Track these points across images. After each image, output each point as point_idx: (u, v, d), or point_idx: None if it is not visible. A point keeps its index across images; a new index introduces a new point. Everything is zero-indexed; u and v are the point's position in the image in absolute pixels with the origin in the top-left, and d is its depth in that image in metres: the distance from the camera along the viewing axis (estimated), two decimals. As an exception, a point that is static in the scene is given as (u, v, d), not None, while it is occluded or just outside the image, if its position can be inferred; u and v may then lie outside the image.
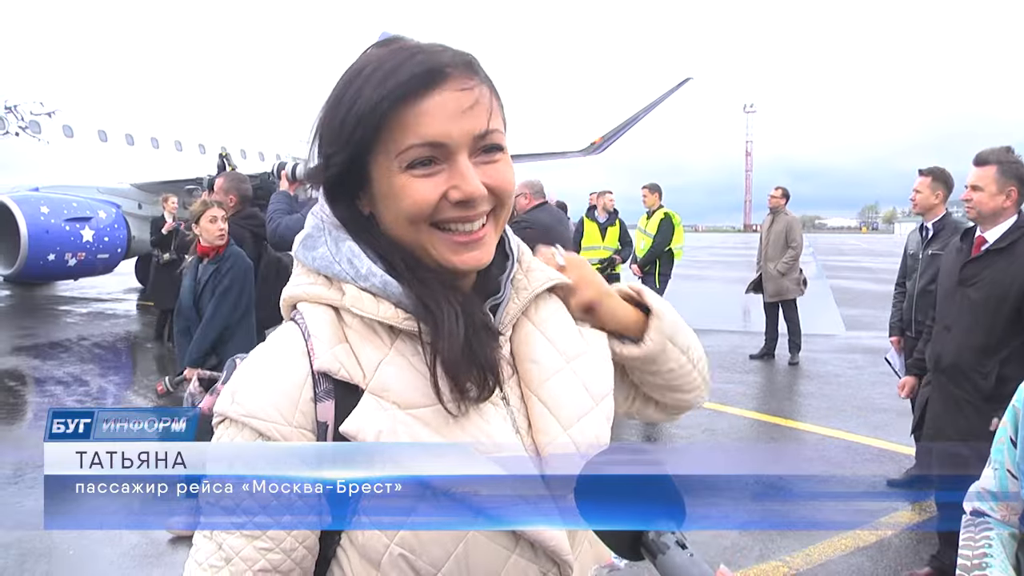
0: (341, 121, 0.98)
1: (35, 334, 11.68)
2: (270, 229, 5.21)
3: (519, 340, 1.07)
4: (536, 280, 1.10)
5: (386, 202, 0.99)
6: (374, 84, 0.95)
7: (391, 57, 0.96)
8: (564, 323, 1.11)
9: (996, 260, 3.67)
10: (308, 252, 1.06)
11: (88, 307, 15.41)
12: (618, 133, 19.80)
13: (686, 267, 14.54)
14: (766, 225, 10.17)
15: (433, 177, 0.95)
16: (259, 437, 0.93)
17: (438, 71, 0.95)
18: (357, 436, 0.93)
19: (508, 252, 1.10)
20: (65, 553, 4.27)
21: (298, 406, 0.96)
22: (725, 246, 58.44)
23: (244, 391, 0.96)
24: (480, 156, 0.98)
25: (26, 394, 8.35)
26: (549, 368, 1.05)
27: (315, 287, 1.03)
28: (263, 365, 0.99)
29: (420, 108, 0.94)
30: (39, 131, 16.24)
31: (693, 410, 1.40)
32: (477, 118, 0.96)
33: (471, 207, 0.96)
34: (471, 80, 0.97)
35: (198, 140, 20.90)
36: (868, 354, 10.09)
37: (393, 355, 0.98)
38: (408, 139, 0.94)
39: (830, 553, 4.30)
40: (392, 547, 0.93)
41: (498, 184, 0.98)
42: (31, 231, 13.88)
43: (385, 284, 0.99)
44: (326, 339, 0.98)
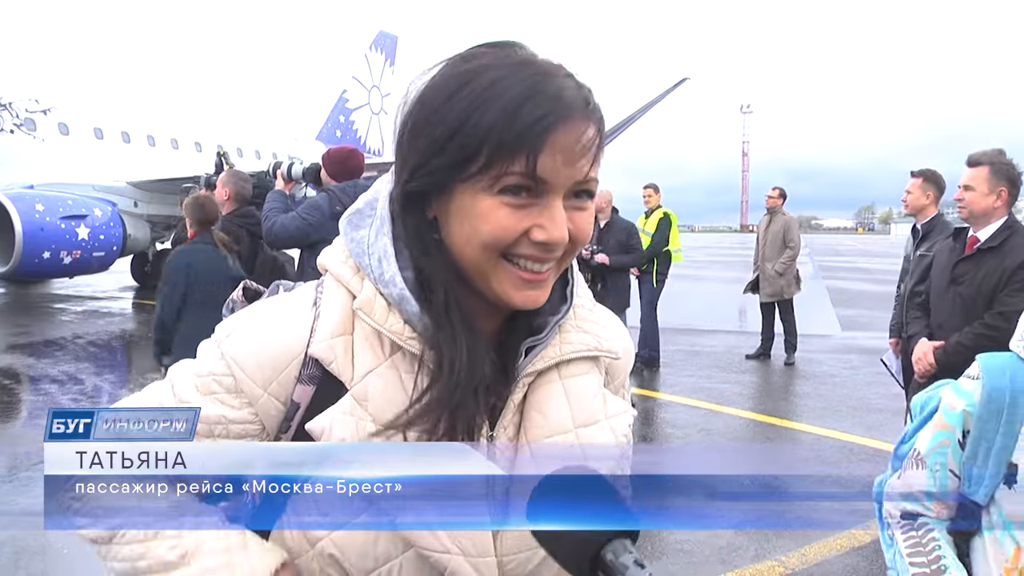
0: (453, 129, 0.90)
1: (30, 332, 11.65)
2: (265, 227, 5.20)
3: (538, 387, 1.02)
4: (583, 341, 1.05)
5: (463, 218, 0.93)
6: (503, 106, 0.89)
7: (520, 75, 0.91)
8: (590, 387, 1.04)
9: (987, 258, 3.71)
10: (351, 229, 1.03)
11: (83, 305, 15.38)
12: (614, 133, 19.80)
13: (683, 267, 14.57)
14: (763, 225, 10.19)
15: (522, 210, 0.90)
16: (232, 380, 0.96)
17: (566, 107, 0.90)
18: (321, 437, 0.92)
19: (567, 296, 1.05)
20: (59, 551, 4.26)
21: (279, 377, 0.96)
22: (722, 246, 58.52)
23: (239, 335, 0.99)
24: (572, 200, 0.93)
25: (21, 392, 8.33)
26: (554, 425, 1.00)
27: (344, 267, 1.01)
28: (269, 322, 1.00)
29: (546, 140, 0.88)
30: (34, 128, 16.21)
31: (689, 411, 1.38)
32: (584, 164, 0.92)
33: (549, 250, 0.92)
34: (588, 122, 0.92)
35: (194, 138, 20.89)
36: (864, 355, 10.11)
37: (386, 367, 0.95)
38: (515, 166, 0.89)
39: (826, 553, 4.31)
40: (326, 540, 0.93)
41: (579, 234, 0.94)
42: (26, 229, 13.86)
43: (402, 298, 0.95)
44: (331, 326, 0.97)
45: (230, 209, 5.68)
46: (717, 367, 9.65)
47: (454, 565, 0.93)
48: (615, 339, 1.10)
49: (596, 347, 1.05)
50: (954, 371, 3.59)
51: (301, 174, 5.92)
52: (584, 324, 1.07)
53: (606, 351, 1.07)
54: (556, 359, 1.02)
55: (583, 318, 1.07)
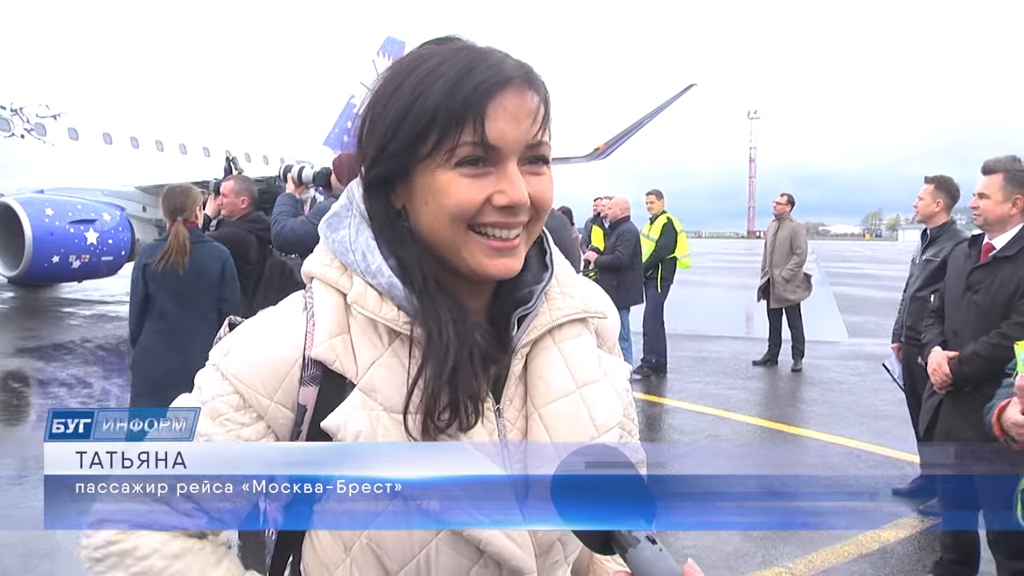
0: (402, 113, 0.96)
1: (39, 336, 11.70)
2: (275, 231, 5.20)
3: (536, 355, 1.06)
4: (571, 305, 1.09)
5: (427, 197, 0.97)
6: (445, 82, 0.94)
7: (458, 56, 0.97)
8: (585, 348, 1.09)
9: (1002, 266, 3.68)
10: (331, 232, 1.06)
11: (92, 309, 15.44)
12: (622, 139, 19.84)
13: (689, 273, 14.54)
14: (771, 231, 10.17)
15: (480, 179, 0.95)
16: (235, 393, 0.98)
17: (504, 75, 0.95)
18: (338, 433, 0.94)
19: (547, 264, 1.10)
20: (69, 554, 4.27)
21: (282, 384, 0.98)
22: (728, 252, 58.45)
23: (239, 351, 1.01)
24: (528, 166, 0.98)
25: (29, 396, 8.36)
26: (557, 389, 1.04)
27: (330, 270, 1.04)
28: (262, 333, 1.02)
29: (489, 109, 0.94)
30: (44, 133, 16.30)
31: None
32: (532, 127, 0.96)
33: (513, 214, 0.96)
34: (529, 90, 0.97)
35: (203, 143, 20.98)
36: (871, 361, 10.06)
37: (388, 356, 0.98)
38: (465, 135, 0.93)
39: (833, 560, 4.28)
40: (362, 537, 0.96)
41: (540, 197, 0.98)
42: (36, 233, 13.92)
43: (391, 285, 0.99)
44: (328, 328, 0.99)
45: (243, 214, 5.68)
46: (724, 373, 9.63)
47: (487, 535, 0.95)
48: (598, 300, 1.15)
49: (584, 309, 1.10)
50: (969, 381, 3.57)
51: (311, 178, 5.93)
52: (568, 289, 1.11)
53: (593, 311, 1.11)
54: (548, 325, 1.06)
55: (565, 284, 1.11)
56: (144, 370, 4.52)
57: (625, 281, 8.76)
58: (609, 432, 1.05)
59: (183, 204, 4.70)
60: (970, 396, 3.63)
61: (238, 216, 5.65)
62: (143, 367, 4.54)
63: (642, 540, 0.81)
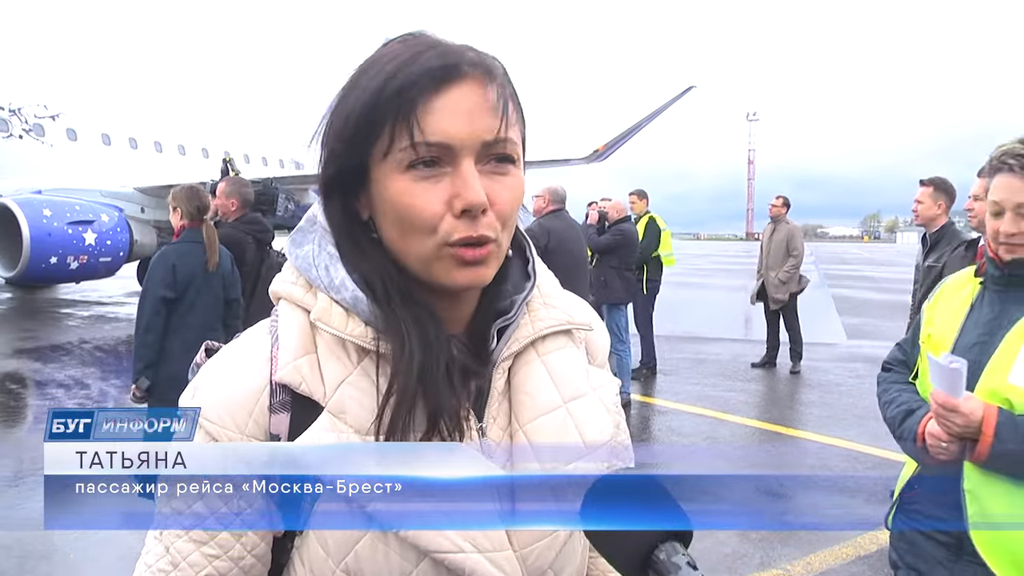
0: (347, 113, 0.91)
1: (36, 337, 11.69)
2: None
3: (518, 370, 1.00)
4: (554, 316, 1.02)
5: (384, 206, 0.91)
6: (385, 75, 0.88)
7: (407, 50, 0.90)
8: (571, 361, 1.02)
9: None
10: (295, 248, 1.01)
11: (90, 310, 15.42)
12: (621, 141, 19.80)
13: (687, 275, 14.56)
14: (767, 234, 10.17)
15: (435, 182, 0.88)
16: (210, 440, 0.91)
17: (454, 67, 0.88)
18: None
19: (530, 274, 1.03)
20: (65, 556, 4.27)
21: (252, 415, 0.92)
22: (727, 254, 58.44)
23: (203, 390, 0.95)
24: (489, 165, 0.89)
25: (27, 397, 8.35)
26: (543, 404, 0.97)
27: (295, 288, 0.98)
28: (225, 367, 0.97)
29: (429, 104, 0.87)
30: (43, 134, 16.29)
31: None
32: (489, 122, 0.88)
33: (475, 219, 0.88)
34: (488, 83, 0.90)
35: (201, 144, 20.95)
36: (869, 363, 10.07)
37: (357, 375, 0.92)
38: (407, 136, 0.87)
39: (831, 562, 4.29)
40: (338, 572, 0.89)
41: (500, 203, 0.90)
42: (33, 234, 13.90)
43: (355, 300, 0.93)
44: (292, 349, 0.94)
45: (239, 215, 5.68)
46: (722, 375, 9.63)
47: (471, 564, 0.89)
48: (584, 312, 1.08)
49: (568, 320, 1.03)
50: None
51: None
52: (551, 300, 1.05)
53: (578, 323, 1.05)
54: (531, 337, 1.00)
55: (548, 295, 1.05)
56: (169, 368, 4.46)
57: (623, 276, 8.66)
58: (599, 449, 0.97)
59: (207, 204, 4.75)
60: None
61: (232, 218, 5.66)
62: (168, 366, 4.47)
63: (683, 567, 0.77)
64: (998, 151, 2.06)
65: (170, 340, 4.47)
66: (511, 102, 0.92)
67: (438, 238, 0.88)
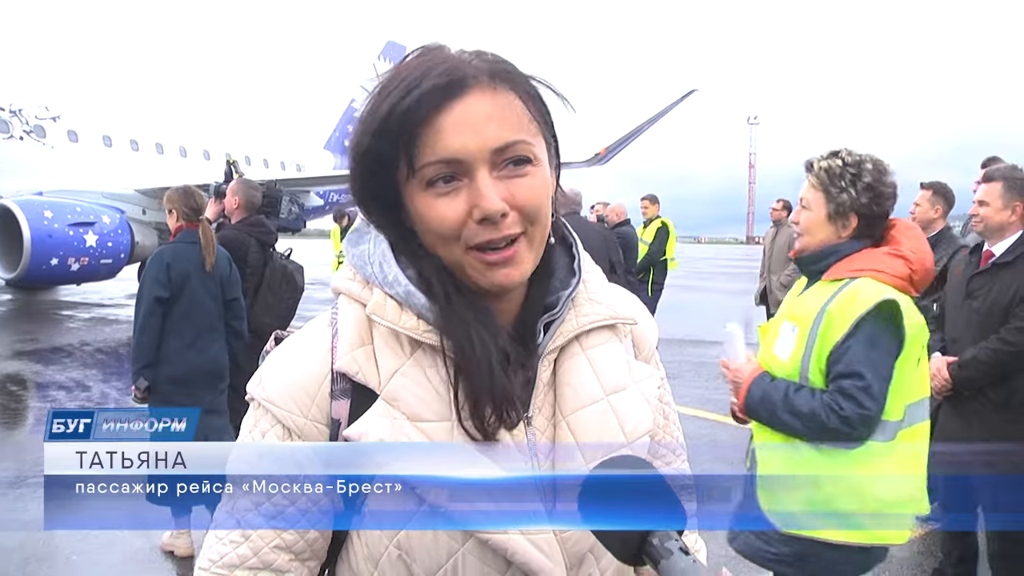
0: (361, 134, 0.97)
1: (37, 339, 11.68)
2: None
3: (563, 362, 1.05)
4: (598, 312, 1.07)
5: (418, 219, 0.98)
6: (395, 98, 0.93)
7: (417, 68, 0.94)
8: (613, 355, 1.07)
9: (1001, 273, 3.70)
10: (352, 247, 1.07)
11: (90, 312, 15.42)
12: (622, 144, 19.80)
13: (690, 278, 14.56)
14: (769, 237, 10.16)
15: (455, 196, 0.93)
16: (277, 423, 0.98)
17: (457, 82, 0.92)
18: (360, 441, 0.94)
19: (575, 270, 1.08)
20: (68, 558, 4.26)
21: (315, 400, 0.98)
22: (728, 258, 58.43)
23: (269, 377, 1.01)
24: (505, 170, 0.94)
25: (28, 399, 8.35)
26: (585, 396, 1.02)
27: (352, 283, 1.04)
28: (289, 356, 1.03)
29: (437, 123, 0.92)
30: (44, 135, 16.30)
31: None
32: (497, 130, 0.92)
33: (495, 225, 0.93)
34: (495, 90, 0.94)
35: (203, 146, 20.97)
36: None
37: (410, 365, 0.98)
38: (425, 156, 0.92)
39: (832, 565, 4.27)
40: (391, 548, 0.95)
41: (521, 201, 0.94)
42: (34, 235, 13.90)
43: (408, 294, 0.99)
44: (350, 340, 1.00)
45: (240, 217, 5.68)
46: (724, 379, 9.60)
47: (514, 544, 0.94)
48: (629, 307, 1.13)
49: (612, 315, 1.08)
50: (969, 386, 3.59)
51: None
52: (596, 296, 1.09)
53: (622, 318, 1.09)
54: (575, 331, 1.04)
55: (594, 291, 1.10)
56: (168, 369, 4.45)
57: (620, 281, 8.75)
58: (639, 440, 1.03)
59: (203, 204, 4.73)
60: (970, 400, 3.66)
61: (235, 219, 5.65)
62: (167, 367, 4.47)
63: (675, 552, 0.80)
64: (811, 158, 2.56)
65: (169, 340, 4.45)
66: (525, 102, 0.96)
67: (462, 243, 0.95)
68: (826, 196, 2.44)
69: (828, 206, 2.44)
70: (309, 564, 1.00)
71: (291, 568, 0.98)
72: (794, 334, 2.45)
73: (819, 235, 2.48)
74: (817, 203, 2.47)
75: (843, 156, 2.45)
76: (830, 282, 2.44)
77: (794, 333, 2.45)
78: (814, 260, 2.51)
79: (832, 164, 2.44)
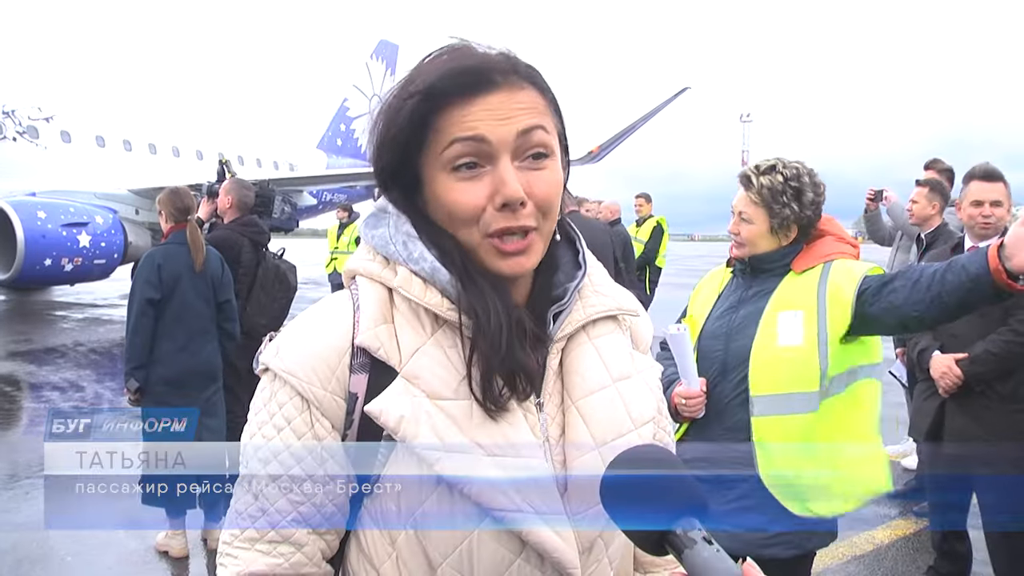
0: (391, 118, 1.01)
1: (31, 339, 11.65)
2: None
3: (571, 351, 1.08)
4: (603, 303, 1.11)
5: (436, 202, 1.01)
6: (426, 85, 0.98)
7: (450, 59, 0.99)
8: (618, 345, 1.12)
9: None
10: (370, 230, 1.09)
11: (84, 312, 15.38)
12: (616, 142, 19.81)
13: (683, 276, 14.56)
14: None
15: (477, 181, 0.98)
16: (296, 395, 0.99)
17: (487, 74, 0.98)
18: (380, 417, 0.96)
19: (581, 263, 1.12)
20: (62, 559, 4.25)
21: (335, 373, 1.00)
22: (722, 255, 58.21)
23: (288, 347, 1.02)
24: (526, 162, 0.99)
25: (22, 400, 8.32)
26: (593, 383, 1.06)
27: (372, 264, 1.06)
28: (311, 326, 1.04)
29: (467, 106, 0.97)
30: (37, 136, 16.24)
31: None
32: (521, 120, 0.98)
33: (514, 213, 0.97)
34: (521, 87, 1.00)
35: (195, 146, 20.93)
36: (865, 363, 10.06)
37: (431, 344, 1.00)
38: (454, 131, 0.97)
39: (827, 562, 4.29)
40: (407, 527, 0.98)
41: (538, 194, 0.99)
42: (28, 236, 13.86)
43: (434, 270, 1.01)
44: (372, 316, 1.01)
45: (232, 217, 5.67)
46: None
47: (529, 524, 0.96)
48: (631, 301, 1.17)
49: (617, 307, 1.12)
50: (981, 380, 3.58)
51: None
52: (601, 288, 1.13)
53: (627, 310, 1.14)
54: (583, 320, 1.08)
55: (599, 284, 1.13)
56: (161, 370, 4.44)
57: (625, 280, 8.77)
58: (645, 426, 1.07)
59: (190, 204, 4.71)
60: (978, 396, 3.63)
61: (228, 218, 5.64)
62: (161, 368, 4.46)
63: (699, 541, 0.79)
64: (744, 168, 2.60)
65: (161, 343, 4.44)
66: (546, 103, 1.02)
67: (480, 229, 0.99)
68: (768, 212, 2.51)
69: (771, 221, 2.51)
70: (327, 537, 1.02)
71: (308, 541, 1.00)
72: (799, 318, 2.45)
73: (762, 245, 2.55)
74: (759, 217, 2.53)
75: (781, 171, 2.50)
76: (804, 272, 2.51)
77: (798, 318, 2.45)
78: (774, 259, 2.57)
79: (774, 182, 2.49)
